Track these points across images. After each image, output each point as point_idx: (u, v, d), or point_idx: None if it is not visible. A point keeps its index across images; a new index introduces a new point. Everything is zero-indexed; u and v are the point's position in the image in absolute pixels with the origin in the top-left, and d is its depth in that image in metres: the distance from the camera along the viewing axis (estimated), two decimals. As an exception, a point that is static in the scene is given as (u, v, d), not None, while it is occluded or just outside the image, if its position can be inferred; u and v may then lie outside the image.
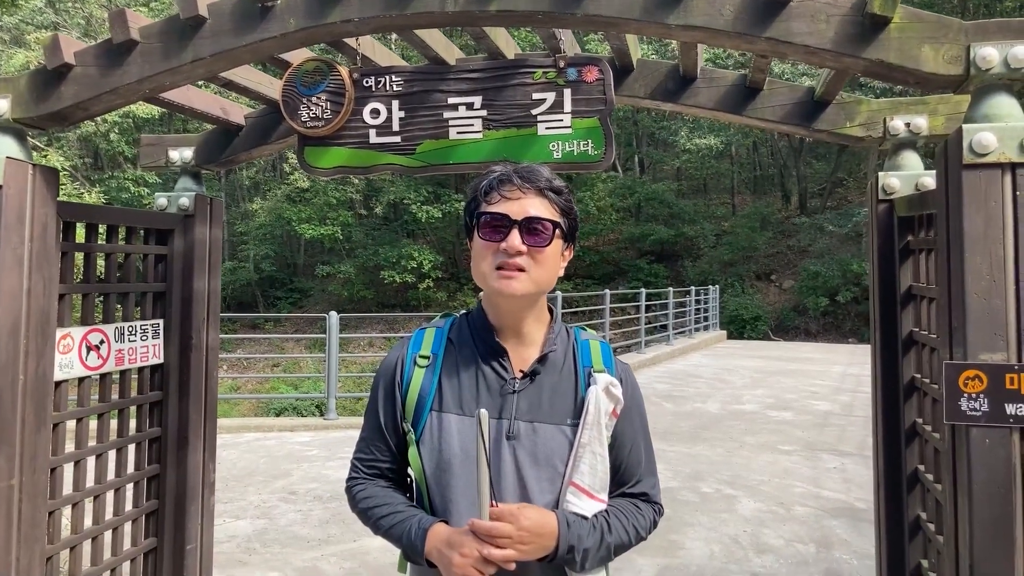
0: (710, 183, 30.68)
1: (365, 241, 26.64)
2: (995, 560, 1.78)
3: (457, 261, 28.02)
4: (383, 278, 25.09)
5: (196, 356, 3.39)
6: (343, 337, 10.02)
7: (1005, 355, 1.81)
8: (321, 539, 5.53)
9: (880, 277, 2.72)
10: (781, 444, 8.24)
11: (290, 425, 9.60)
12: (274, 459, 7.91)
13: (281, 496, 6.61)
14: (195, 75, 2.48)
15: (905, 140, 2.74)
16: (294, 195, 25.78)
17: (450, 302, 26.09)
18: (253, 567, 5.02)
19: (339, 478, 7.13)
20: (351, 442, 8.22)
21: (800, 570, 4.81)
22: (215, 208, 3.51)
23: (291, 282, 29.00)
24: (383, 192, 25.06)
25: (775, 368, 14.51)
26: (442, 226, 26.81)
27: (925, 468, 2.52)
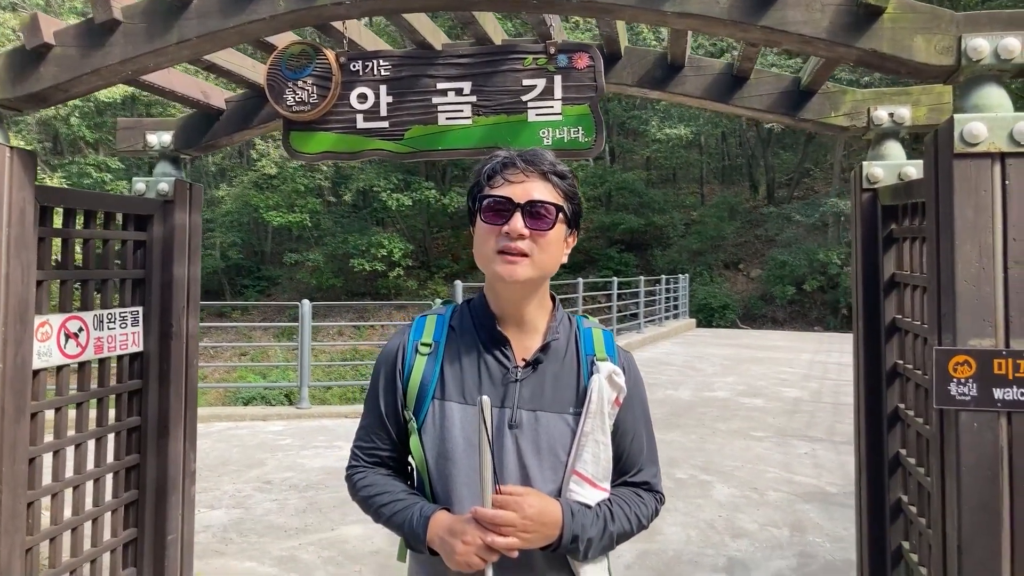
0: (679, 173, 30.90)
1: (334, 229, 26.40)
2: (983, 541, 1.83)
3: (428, 249, 27.91)
4: (352, 266, 24.90)
5: (176, 344, 3.34)
6: (313, 326, 9.92)
7: (993, 341, 1.85)
8: (298, 528, 5.49)
9: (863, 265, 2.77)
10: (753, 430, 8.36)
11: (262, 414, 9.51)
12: (247, 448, 7.83)
13: (256, 486, 6.55)
14: (180, 57, 2.43)
15: (889, 130, 2.78)
16: (261, 182, 25.43)
17: (420, 291, 25.99)
18: (230, 557, 4.97)
19: (314, 467, 7.09)
20: (324, 431, 8.20)
21: (775, 554, 4.89)
22: (195, 193, 3.45)
23: (258, 270, 28.65)
24: (352, 179, 24.84)
25: (744, 356, 14.71)
26: (412, 214, 26.66)
27: (907, 452, 2.57)
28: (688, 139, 25.70)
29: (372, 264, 24.58)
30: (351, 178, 24.88)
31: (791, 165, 28.38)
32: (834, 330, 21.77)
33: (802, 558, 4.81)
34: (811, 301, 23.19)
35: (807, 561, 4.76)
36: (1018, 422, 1.84)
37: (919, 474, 2.41)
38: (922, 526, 2.39)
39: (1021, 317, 1.85)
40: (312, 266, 25.96)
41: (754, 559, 4.81)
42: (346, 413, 9.49)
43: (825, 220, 23.36)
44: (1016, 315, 1.85)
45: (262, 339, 23.41)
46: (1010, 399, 1.83)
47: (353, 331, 23.57)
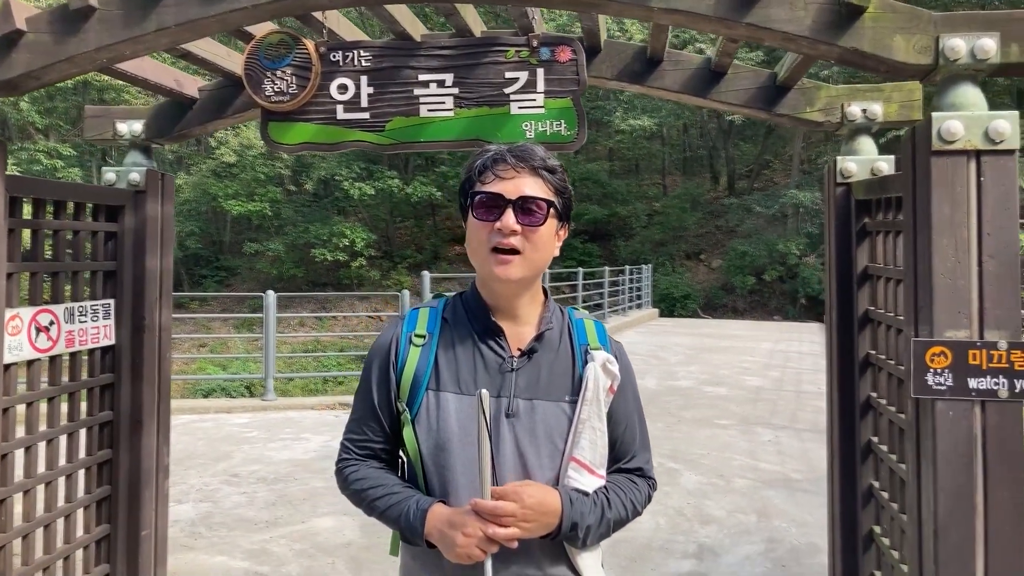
0: (642, 163, 31.13)
1: (295, 218, 26.06)
2: (958, 525, 1.90)
3: (391, 239, 27.72)
4: (314, 256, 24.63)
5: (149, 337, 3.28)
6: (276, 317, 9.79)
7: (968, 332, 1.91)
8: (269, 521, 5.45)
9: (837, 258, 2.83)
10: (718, 419, 8.50)
11: (227, 407, 9.39)
12: (213, 441, 7.73)
13: (223, 479, 6.48)
14: (158, 45, 2.38)
15: (861, 125, 2.84)
16: (220, 170, 24.98)
17: (384, 281, 25.83)
18: (199, 551, 4.91)
19: (282, 459, 7.03)
20: (291, 423, 8.14)
21: (743, 539, 5.00)
22: (167, 184, 3.39)
23: (217, 260, 28.17)
24: (314, 167, 24.53)
25: (707, 345, 14.93)
26: (375, 203, 26.44)
27: (879, 440, 2.65)
28: (651, 130, 25.91)
29: (334, 254, 24.34)
30: (312, 166, 24.57)
31: (751, 156, 28.79)
32: (793, 319, 22.19)
33: (769, 543, 4.92)
34: (771, 291, 23.60)
35: (774, 546, 4.88)
36: (991, 411, 1.91)
37: (891, 461, 2.48)
38: (894, 511, 2.47)
39: (994, 309, 1.91)
40: (273, 256, 25.60)
41: (723, 545, 4.90)
42: (312, 405, 9.42)
43: (784, 211, 23.76)
44: (990, 307, 1.91)
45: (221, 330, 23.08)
46: (984, 388, 1.90)
47: (315, 322, 23.34)
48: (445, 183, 25.67)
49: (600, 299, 17.91)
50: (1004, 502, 1.90)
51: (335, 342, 21.89)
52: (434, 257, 27.01)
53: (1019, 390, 1.90)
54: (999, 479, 1.90)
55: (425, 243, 27.85)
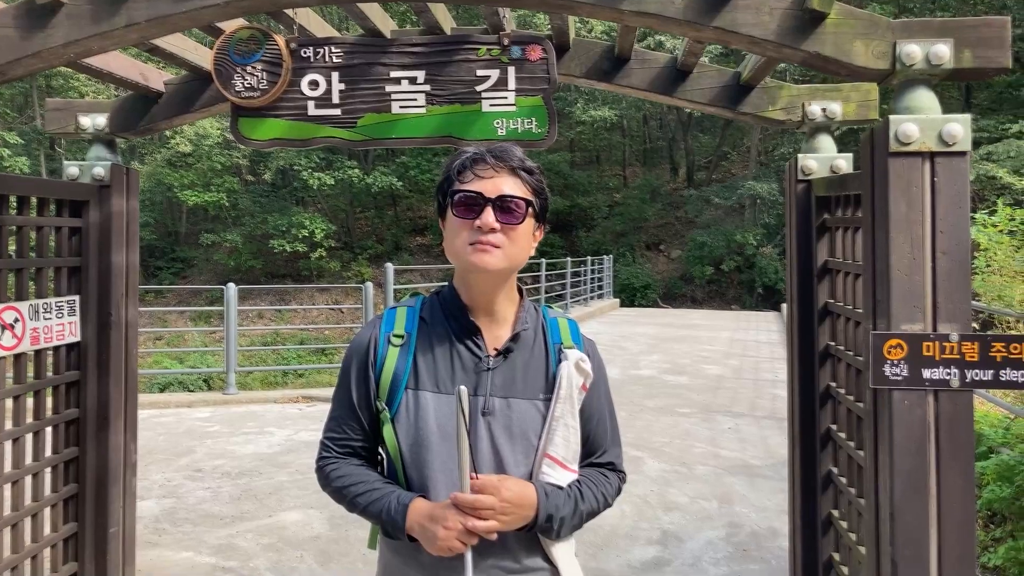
0: (603, 155, 31.33)
1: (253, 208, 25.70)
2: (913, 507, 2.00)
3: (351, 230, 27.49)
4: (272, 247, 24.34)
5: (116, 333, 3.26)
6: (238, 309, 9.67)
7: (923, 325, 2.01)
8: (234, 516, 5.42)
9: (798, 252, 2.93)
10: (679, 407, 8.66)
11: (188, 401, 9.27)
12: (174, 436, 7.64)
13: (186, 474, 6.42)
14: (127, 41, 2.36)
15: (821, 124, 2.94)
16: (175, 159, 24.50)
17: (344, 272, 25.64)
18: (164, 547, 4.88)
19: (246, 453, 6.99)
20: (254, 417, 8.07)
21: (705, 524, 5.13)
22: (131, 178, 3.36)
23: (173, 251, 27.65)
24: (272, 157, 24.20)
25: (667, 335, 15.14)
26: (334, 194, 26.20)
27: (838, 428, 2.76)
28: (612, 121, 26.08)
29: (293, 245, 24.08)
30: (271, 156, 24.24)
31: (710, 148, 29.17)
32: (750, 308, 22.61)
33: (730, 528, 5.06)
34: (728, 281, 24.00)
35: (735, 531, 5.01)
36: (943, 399, 2.01)
37: (849, 448, 2.59)
38: (852, 495, 2.57)
39: (946, 303, 2.01)
40: (230, 247, 25.23)
41: (686, 531, 5.02)
42: (275, 398, 9.35)
43: (742, 202, 24.15)
44: (942, 301, 2.01)
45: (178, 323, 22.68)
46: (936, 378, 2.00)
47: (274, 314, 23.08)
48: (406, 173, 25.54)
49: (562, 290, 18.03)
50: (955, 485, 2.00)
51: (295, 334, 21.69)
52: (395, 248, 26.88)
53: (969, 380, 2.00)
54: (950, 464, 2.01)
55: (386, 234, 27.69)
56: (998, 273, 5.70)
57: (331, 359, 18.91)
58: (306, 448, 7.12)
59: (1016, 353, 1.99)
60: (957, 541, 2.00)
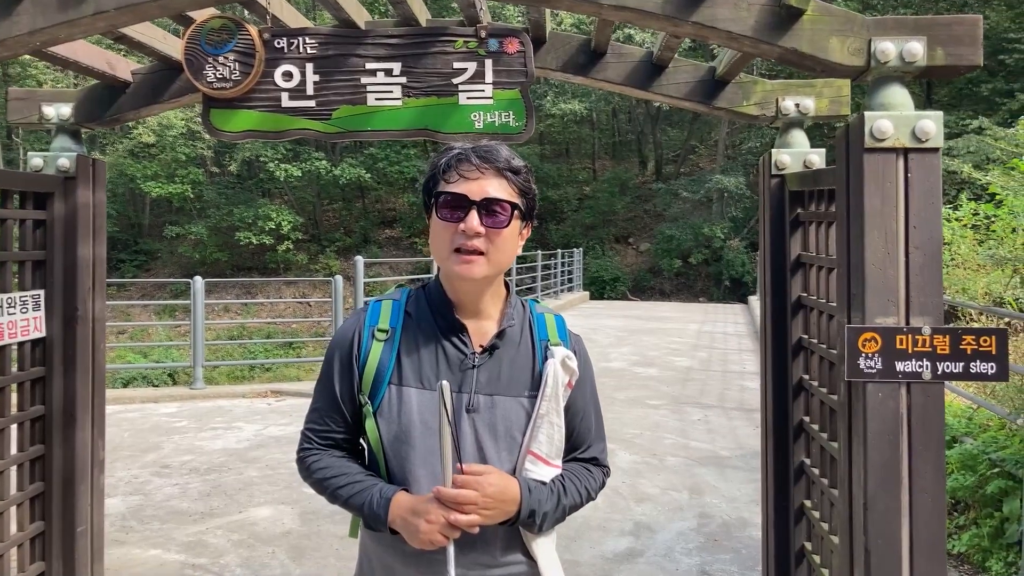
0: (572, 148, 31.38)
1: (218, 200, 25.31)
2: (885, 498, 2.04)
3: (318, 222, 27.22)
4: (238, 239, 24.00)
5: (82, 328, 3.18)
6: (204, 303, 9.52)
7: (896, 319, 2.05)
8: (204, 512, 5.36)
9: (771, 246, 2.96)
10: (649, 399, 8.73)
11: (153, 396, 9.13)
12: (140, 432, 7.52)
13: (153, 471, 6.32)
14: (95, 29, 2.30)
15: (794, 119, 2.97)
16: (138, 150, 24.03)
17: (311, 265, 25.39)
18: (132, 546, 4.80)
19: (214, 449, 6.90)
20: (222, 412, 7.99)
21: (676, 515, 5.18)
22: (98, 169, 3.28)
23: (136, 244, 27.14)
24: (238, 149, 23.84)
25: (636, 327, 15.25)
26: (301, 185, 25.92)
27: (811, 419, 2.80)
28: (581, 115, 26.12)
29: (259, 237, 23.77)
30: (236, 147, 23.87)
31: (678, 142, 29.38)
32: (717, 301, 22.87)
33: (701, 519, 5.12)
34: (696, 273, 24.24)
35: (706, 522, 5.07)
36: (916, 391, 2.05)
37: (822, 439, 2.63)
38: (824, 486, 2.61)
39: (919, 297, 2.05)
40: (195, 239, 24.84)
41: (658, 521, 5.08)
42: (243, 393, 9.25)
43: (710, 196, 24.38)
44: (915, 295, 2.05)
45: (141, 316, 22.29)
46: (909, 371, 2.04)
47: (240, 308, 22.79)
48: (374, 165, 25.34)
49: (533, 283, 18.06)
50: (926, 475, 2.04)
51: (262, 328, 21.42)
52: (364, 240, 26.67)
53: (940, 372, 2.04)
54: (922, 454, 2.05)
55: (354, 226, 27.46)
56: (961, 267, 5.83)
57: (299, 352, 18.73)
58: (276, 443, 7.06)
59: (986, 346, 2.03)
60: (927, 530, 2.04)
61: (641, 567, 4.39)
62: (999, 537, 3.92)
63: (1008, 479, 3.99)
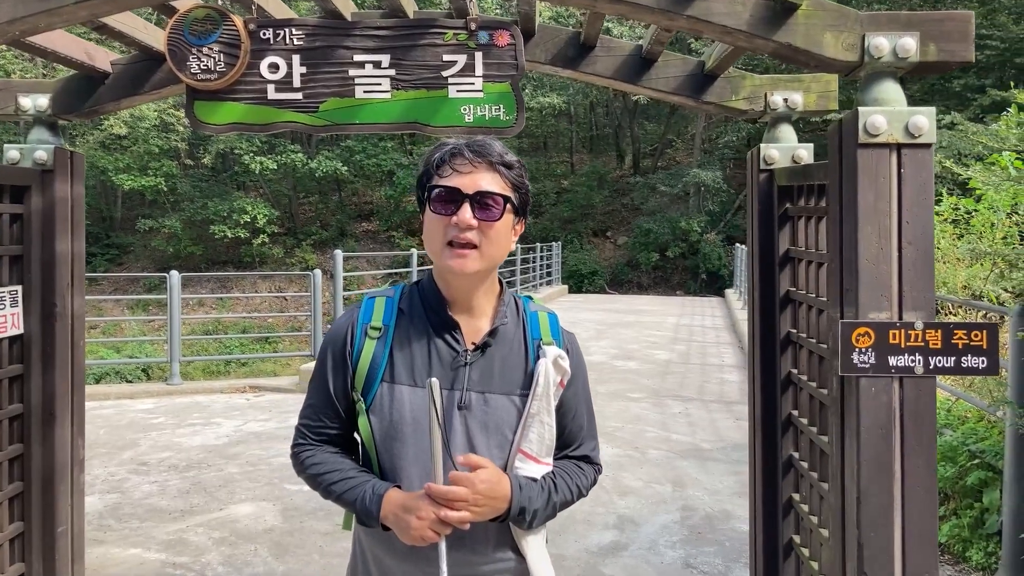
0: (550, 141, 31.35)
1: (192, 193, 24.97)
2: (879, 490, 2.05)
3: (294, 215, 26.97)
4: (213, 233, 23.71)
5: (61, 325, 3.12)
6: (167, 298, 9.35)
7: (889, 313, 2.06)
8: (183, 510, 5.29)
9: (760, 241, 2.97)
10: (630, 392, 8.76)
11: (129, 392, 9.00)
12: (116, 429, 7.41)
13: (131, 468, 6.23)
14: (77, 18, 2.25)
15: (783, 114, 2.98)
16: (109, 142, 23.60)
17: (287, 259, 25.16)
18: (111, 545, 4.73)
19: (193, 445, 6.82)
20: (199, 408, 7.91)
21: (660, 508, 5.21)
22: (76, 162, 3.21)
23: (108, 237, 26.70)
24: (212, 141, 23.51)
25: (615, 320, 15.30)
26: (277, 178, 25.64)
27: (799, 413, 2.81)
28: (560, 108, 26.11)
29: (235, 231, 23.49)
30: (210, 140, 23.54)
31: (655, 136, 29.46)
32: (695, 294, 23.02)
33: (684, 511, 5.15)
34: (673, 267, 24.37)
35: (689, 514, 5.10)
36: (908, 386, 2.06)
37: (812, 433, 2.64)
38: (813, 479, 2.63)
39: (912, 292, 2.06)
40: (169, 233, 24.48)
41: (641, 515, 5.09)
42: (221, 388, 9.14)
43: (687, 190, 24.50)
44: (908, 290, 2.06)
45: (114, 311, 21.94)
46: (902, 365, 2.05)
47: (215, 302, 22.54)
48: (351, 158, 25.14)
49: (512, 277, 18.04)
50: (918, 468, 2.06)
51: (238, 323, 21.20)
52: (340, 234, 26.47)
53: (932, 367, 2.06)
54: (914, 448, 2.07)
55: (331, 220, 27.24)
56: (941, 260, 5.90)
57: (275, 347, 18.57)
58: (255, 439, 6.99)
59: (977, 340, 2.05)
60: (920, 522, 2.06)
61: (626, 560, 4.41)
62: (979, 527, 3.98)
63: (988, 470, 4.05)
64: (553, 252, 21.77)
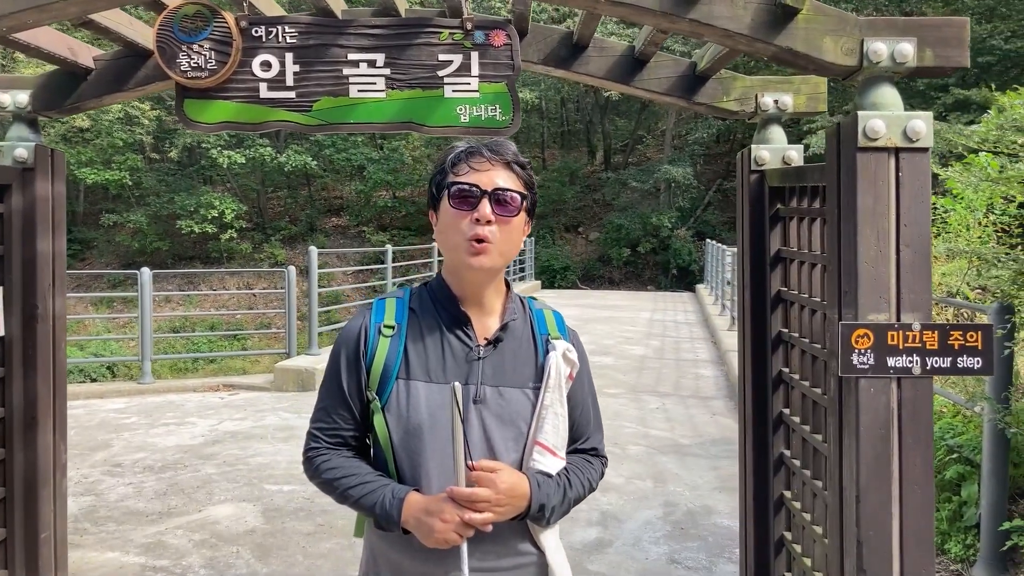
0: (522, 137, 31.27)
1: (158, 188, 24.54)
2: (877, 488, 2.09)
3: (263, 210, 26.64)
4: (180, 228, 23.32)
5: (43, 327, 3.05)
6: (135, 295, 9.16)
7: (888, 315, 2.09)
8: (161, 512, 5.20)
9: (750, 241, 3.00)
10: (607, 388, 8.80)
11: (99, 391, 8.83)
12: (87, 429, 7.27)
13: (104, 469, 6.12)
14: (67, 14, 2.19)
15: (773, 115, 3.00)
16: (71, 135, 23.09)
17: (256, 254, 24.85)
18: (88, 548, 4.64)
19: (168, 446, 6.71)
20: (173, 407, 7.77)
21: (642, 504, 5.24)
22: (57, 160, 3.14)
23: (70, 232, 26.05)
24: (178, 134, 23.12)
25: (589, 316, 15.35)
26: (245, 172, 25.28)
27: (791, 411, 2.85)
28: (532, 103, 26.09)
29: (202, 226, 23.13)
30: (177, 133, 23.16)
31: (626, 132, 29.58)
32: (665, 289, 23.20)
33: (667, 507, 5.19)
34: (644, 262, 24.53)
35: (671, 510, 5.14)
36: (906, 386, 2.10)
37: (804, 431, 2.68)
38: (806, 477, 2.67)
39: (909, 294, 2.10)
40: (134, 228, 24.04)
41: (624, 511, 5.12)
42: (195, 387, 9.01)
43: (658, 186, 24.66)
44: (906, 292, 2.10)
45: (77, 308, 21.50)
46: (900, 366, 2.09)
47: (182, 298, 22.20)
48: (320, 152, 24.89)
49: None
50: (916, 467, 2.10)
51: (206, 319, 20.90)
52: (310, 229, 26.20)
53: (929, 367, 2.10)
54: (911, 447, 2.10)
55: (300, 214, 26.96)
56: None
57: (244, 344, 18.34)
58: (232, 439, 6.90)
59: (972, 341, 2.09)
60: (917, 520, 2.10)
61: (611, 557, 4.43)
62: (957, 520, 4.07)
63: (966, 464, 4.15)
64: (525, 248, 21.78)
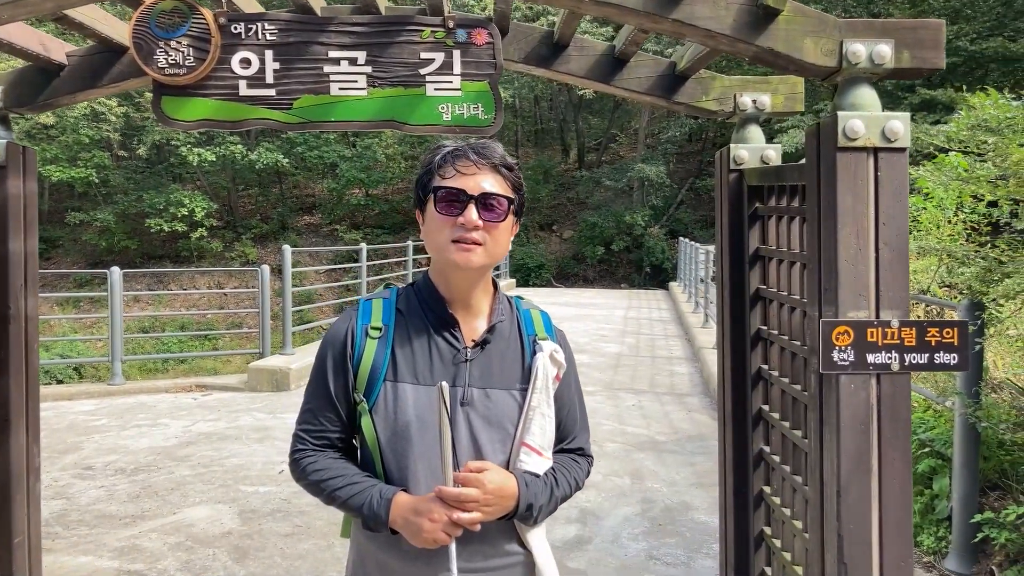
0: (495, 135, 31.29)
1: (126, 186, 24.16)
2: (857, 483, 2.12)
3: (234, 208, 26.34)
4: (148, 227, 22.98)
5: (15, 328, 2.99)
6: (103, 295, 9.01)
7: (867, 312, 2.12)
8: (135, 515, 5.13)
9: (729, 240, 3.03)
10: (584, 385, 8.75)
11: (67, 393, 8.67)
12: (56, 432, 7.14)
13: (75, 473, 6.02)
14: (43, 10, 2.15)
15: (751, 115, 3.03)
16: (35, 132, 22.63)
17: (227, 253, 24.57)
18: (60, 553, 4.56)
19: (140, 448, 6.62)
20: (144, 408, 7.67)
21: (621, 501, 5.27)
22: (28, 158, 3.07)
23: (36, 231, 25.59)
24: (147, 131, 22.77)
25: (564, 314, 15.39)
26: (215, 170, 24.96)
27: (770, 408, 2.88)
28: (506, 102, 26.07)
29: (171, 224, 22.81)
30: (145, 130, 22.80)
31: (600, 130, 29.69)
32: (639, 287, 23.34)
33: (644, 504, 5.23)
34: (618, 260, 24.66)
35: (649, 506, 5.18)
36: (885, 382, 2.13)
37: (784, 427, 2.71)
38: (786, 472, 2.70)
39: (888, 291, 2.13)
40: (101, 226, 23.64)
41: (603, 508, 5.15)
42: (166, 388, 8.89)
43: (631, 184, 24.79)
44: (884, 289, 2.13)
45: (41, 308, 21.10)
46: (879, 362, 2.12)
47: (151, 298, 21.88)
48: (292, 150, 24.66)
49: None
50: (895, 461, 2.14)
51: (176, 319, 20.63)
52: (282, 227, 25.96)
53: (908, 363, 2.13)
54: (890, 442, 2.14)
55: (271, 212, 26.70)
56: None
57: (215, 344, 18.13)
58: (206, 440, 6.82)
59: (948, 338, 2.13)
60: (896, 514, 2.13)
61: (591, 554, 4.46)
62: (929, 513, 4.15)
63: (937, 458, 4.23)
64: (501, 246, 21.76)
